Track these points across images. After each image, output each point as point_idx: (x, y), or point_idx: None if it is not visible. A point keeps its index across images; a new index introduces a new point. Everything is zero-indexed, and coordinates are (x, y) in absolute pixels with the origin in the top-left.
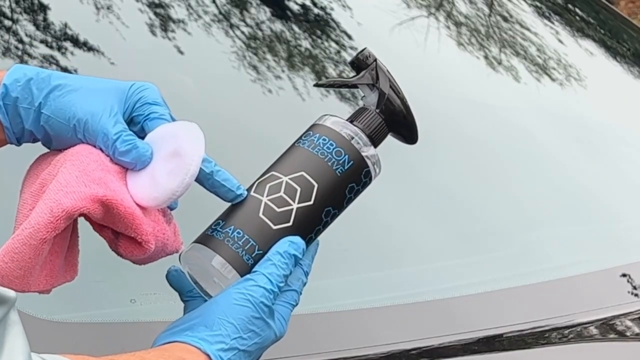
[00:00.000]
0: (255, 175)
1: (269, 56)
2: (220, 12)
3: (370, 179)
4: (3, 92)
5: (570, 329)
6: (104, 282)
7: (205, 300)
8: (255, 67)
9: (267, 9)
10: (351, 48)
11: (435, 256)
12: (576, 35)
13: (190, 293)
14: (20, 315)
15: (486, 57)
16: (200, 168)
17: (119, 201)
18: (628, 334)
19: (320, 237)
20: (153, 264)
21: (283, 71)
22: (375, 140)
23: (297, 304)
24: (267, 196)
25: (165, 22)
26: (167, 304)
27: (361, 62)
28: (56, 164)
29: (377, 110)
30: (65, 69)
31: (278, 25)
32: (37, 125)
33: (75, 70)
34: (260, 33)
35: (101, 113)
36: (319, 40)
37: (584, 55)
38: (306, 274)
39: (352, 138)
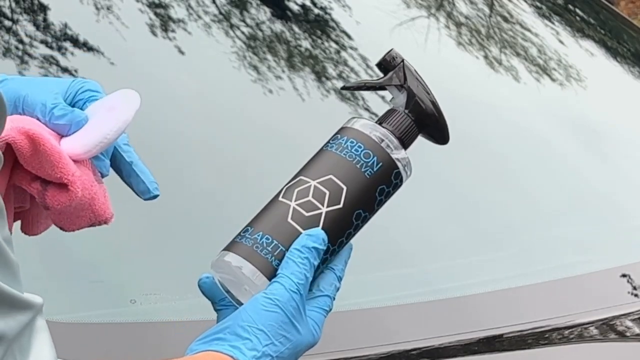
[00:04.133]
0: (255, 175)
1: (269, 56)
2: (220, 12)
3: (402, 180)
4: None
5: (571, 329)
6: (104, 282)
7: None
8: (255, 68)
9: (267, 9)
10: (351, 48)
11: (434, 257)
12: (576, 36)
13: (222, 302)
14: None
15: (486, 57)
16: (122, 156)
17: (46, 139)
18: (628, 334)
19: None
20: (156, 264)
21: (283, 71)
22: (405, 141)
23: (330, 310)
24: (295, 201)
25: (165, 23)
26: (167, 304)
27: (388, 64)
28: None
29: (406, 111)
30: (65, 69)
31: (278, 26)
32: None
33: (76, 71)
34: (260, 33)
35: (42, 90)
36: (319, 41)
37: (585, 55)
38: (339, 278)
39: (382, 140)
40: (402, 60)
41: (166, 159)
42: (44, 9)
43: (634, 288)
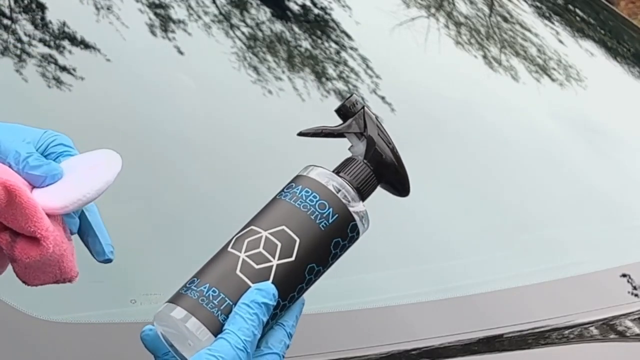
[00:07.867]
0: (255, 176)
1: (269, 57)
2: (220, 13)
3: (358, 233)
4: None
5: (571, 329)
6: (104, 282)
7: None
8: (255, 68)
9: (267, 10)
10: (351, 48)
11: (433, 257)
12: (576, 36)
13: (166, 356)
14: (20, 315)
15: (485, 57)
16: (84, 214)
17: (23, 191)
18: (628, 334)
19: None
20: (157, 263)
21: (283, 72)
22: (363, 192)
23: None
24: (245, 252)
25: (165, 23)
26: None
27: (348, 110)
28: None
29: (365, 161)
30: (64, 69)
31: (278, 26)
32: None
33: (74, 70)
34: (260, 34)
35: (14, 138)
36: (319, 41)
37: (585, 55)
38: (289, 335)
39: (339, 190)
40: (363, 107)
41: (165, 160)
42: (42, 8)
43: (634, 288)
